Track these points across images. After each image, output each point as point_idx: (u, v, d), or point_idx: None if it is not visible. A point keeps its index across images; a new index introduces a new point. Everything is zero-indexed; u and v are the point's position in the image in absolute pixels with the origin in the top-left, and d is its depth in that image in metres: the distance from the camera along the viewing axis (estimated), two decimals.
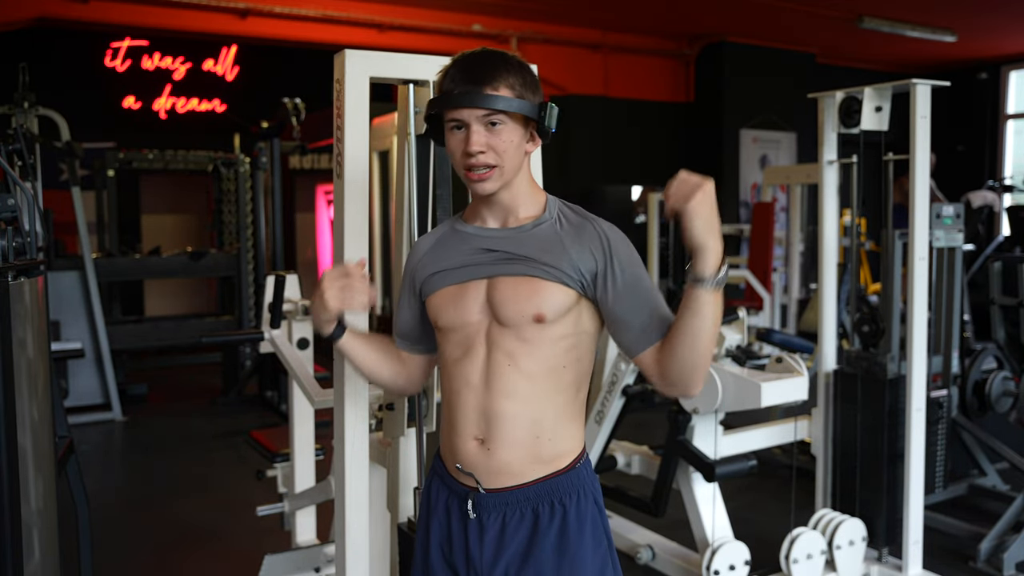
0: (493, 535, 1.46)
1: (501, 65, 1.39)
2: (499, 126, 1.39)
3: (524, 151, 1.44)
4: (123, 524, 3.95)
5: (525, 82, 1.41)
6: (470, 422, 1.46)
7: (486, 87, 1.37)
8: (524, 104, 1.39)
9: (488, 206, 1.49)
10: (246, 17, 7.32)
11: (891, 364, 3.24)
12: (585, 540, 1.45)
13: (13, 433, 1.69)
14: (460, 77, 1.39)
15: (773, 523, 3.59)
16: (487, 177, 1.41)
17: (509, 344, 1.42)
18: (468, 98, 1.37)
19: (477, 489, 1.46)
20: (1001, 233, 7.56)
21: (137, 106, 8.39)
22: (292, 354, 2.90)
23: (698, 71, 9.56)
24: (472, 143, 1.38)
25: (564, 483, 1.45)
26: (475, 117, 1.38)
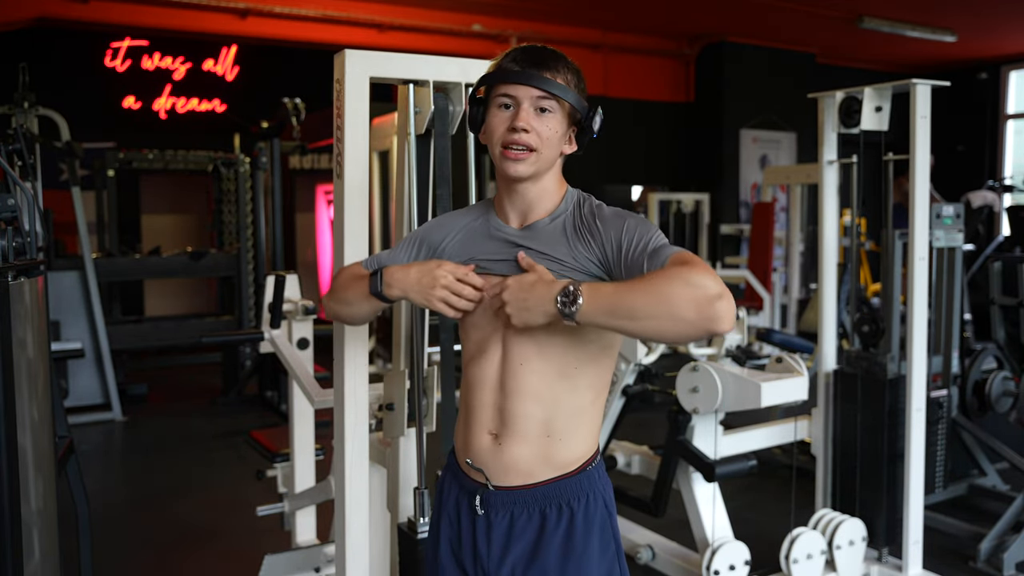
0: (501, 532, 1.46)
1: (562, 59, 1.43)
2: (548, 113, 1.40)
3: (560, 150, 1.45)
4: (123, 524, 3.95)
5: (580, 82, 1.44)
6: (486, 417, 1.47)
7: (546, 72, 1.39)
8: (576, 97, 1.41)
9: (511, 198, 1.48)
10: (246, 17, 7.32)
11: (891, 364, 3.24)
12: (592, 544, 1.45)
13: (13, 433, 1.69)
14: (522, 58, 1.41)
15: (773, 523, 3.59)
16: (523, 158, 1.40)
17: (524, 345, 1.43)
18: (528, 76, 1.38)
19: (486, 486, 1.46)
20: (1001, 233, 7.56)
21: (137, 106, 8.39)
22: (292, 354, 2.91)
23: (698, 71, 9.57)
24: (520, 118, 1.39)
25: (573, 486, 1.45)
26: (529, 97, 1.39)
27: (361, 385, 1.95)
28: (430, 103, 1.94)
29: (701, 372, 2.91)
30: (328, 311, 1.62)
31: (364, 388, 1.95)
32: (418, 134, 1.99)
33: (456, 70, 1.97)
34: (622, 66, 9.16)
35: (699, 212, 8.24)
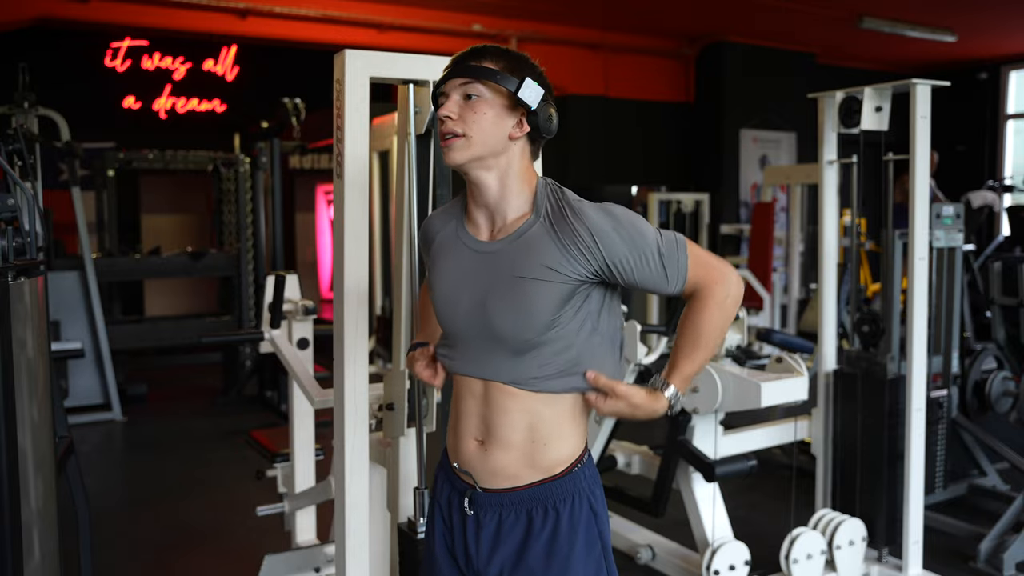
0: (490, 532, 1.48)
1: (492, 49, 1.43)
2: (475, 99, 1.41)
3: (507, 134, 1.42)
4: (123, 524, 3.95)
5: (515, 66, 1.41)
6: (472, 424, 1.48)
7: (471, 61, 1.42)
8: (497, 75, 1.39)
9: (475, 199, 1.48)
10: (246, 17, 7.32)
11: (891, 364, 3.24)
12: (577, 546, 1.46)
13: (13, 433, 1.69)
14: (455, 59, 1.45)
15: (773, 523, 3.59)
16: (452, 144, 1.41)
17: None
18: (452, 71, 1.42)
19: (474, 487, 1.49)
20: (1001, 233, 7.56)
21: (137, 106, 8.40)
22: (292, 354, 2.90)
23: (698, 71, 9.56)
24: (443, 108, 1.41)
25: (558, 488, 1.46)
26: (455, 87, 1.42)
27: (361, 385, 1.95)
28: (430, 103, 1.94)
29: (701, 372, 2.91)
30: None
31: (364, 388, 1.95)
32: (418, 134, 1.99)
33: None
34: (622, 66, 9.15)
35: (699, 212, 8.24)
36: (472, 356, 1.47)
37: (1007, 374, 3.95)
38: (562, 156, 8.58)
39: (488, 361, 1.45)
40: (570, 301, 1.41)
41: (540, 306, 1.39)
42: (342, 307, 1.92)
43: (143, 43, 8.22)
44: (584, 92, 8.88)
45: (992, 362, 3.98)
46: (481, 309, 1.43)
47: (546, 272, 1.39)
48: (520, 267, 1.40)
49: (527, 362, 1.42)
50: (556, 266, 1.39)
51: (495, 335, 1.42)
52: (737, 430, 3.29)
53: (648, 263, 1.40)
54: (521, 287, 1.40)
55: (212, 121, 8.62)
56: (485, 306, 1.42)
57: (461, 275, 1.47)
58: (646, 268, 1.40)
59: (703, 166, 9.42)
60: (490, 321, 1.42)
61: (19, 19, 6.75)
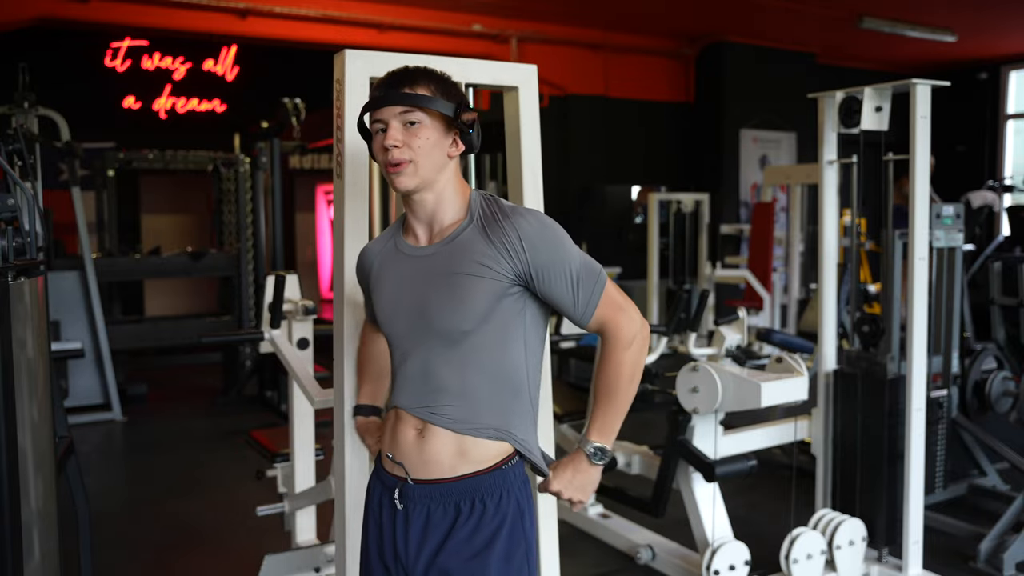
0: (418, 528, 1.51)
1: (422, 73, 1.50)
2: (416, 125, 1.47)
3: (446, 154, 1.51)
4: (123, 524, 3.95)
5: (445, 89, 1.50)
6: (412, 414, 1.53)
7: (406, 87, 1.48)
8: (438, 102, 1.47)
9: (414, 214, 1.55)
10: (246, 17, 7.32)
11: (891, 364, 3.24)
12: (498, 543, 1.49)
13: (13, 433, 1.69)
14: (384, 82, 1.51)
15: (773, 523, 3.59)
16: (401, 171, 1.48)
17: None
18: (388, 97, 1.48)
19: (406, 480, 1.52)
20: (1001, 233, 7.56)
21: (137, 106, 8.39)
22: (292, 354, 2.90)
23: (698, 71, 9.56)
24: (388, 137, 1.47)
25: (488, 481, 1.50)
26: (394, 115, 1.48)
27: None
28: None
29: (701, 372, 2.91)
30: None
31: None
32: None
33: (456, 70, 1.97)
34: (622, 66, 9.15)
35: (699, 212, 8.24)
36: (419, 357, 1.52)
37: (1007, 374, 3.95)
38: (562, 156, 8.58)
39: (431, 358, 1.51)
40: (503, 300, 1.47)
41: (475, 298, 1.46)
42: (342, 307, 1.92)
43: (143, 43, 8.21)
44: (584, 92, 8.88)
45: (992, 362, 3.98)
46: (421, 307, 1.50)
47: (480, 268, 1.46)
48: (456, 264, 1.48)
49: (467, 352, 1.49)
50: (488, 263, 1.46)
51: (434, 329, 1.48)
52: (737, 430, 3.29)
53: (563, 279, 1.47)
54: (457, 281, 1.47)
55: (212, 121, 8.62)
56: (424, 303, 1.49)
57: (400, 280, 1.55)
58: (560, 283, 1.47)
59: (703, 166, 9.42)
60: (429, 315, 1.48)
61: (19, 19, 6.75)
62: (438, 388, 1.50)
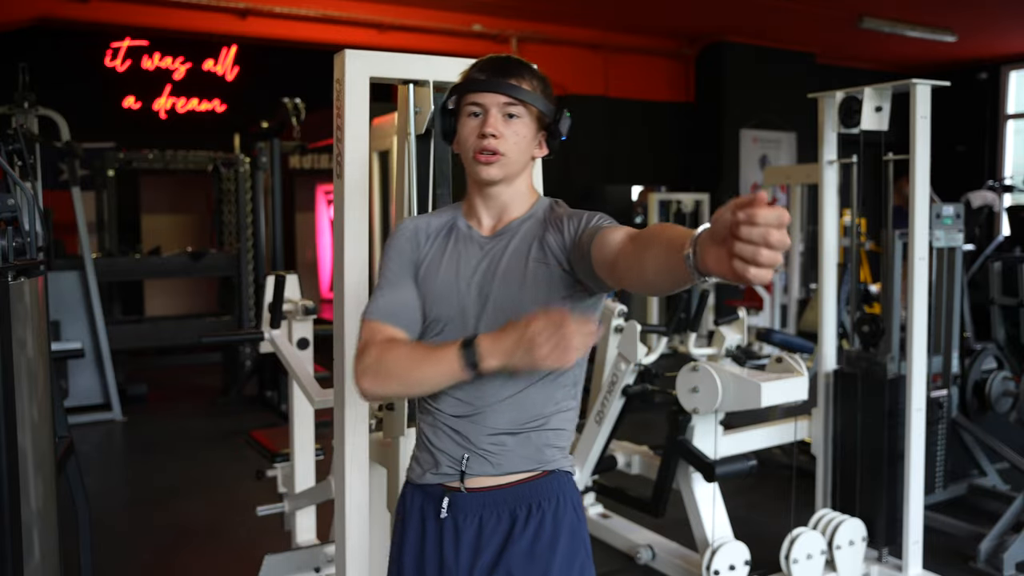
0: (470, 538, 1.45)
1: (528, 67, 1.49)
2: (516, 119, 1.45)
3: (531, 154, 1.50)
4: (123, 524, 3.95)
5: (545, 89, 1.49)
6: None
7: (512, 79, 1.45)
8: (543, 101, 1.46)
9: (485, 202, 1.52)
10: (246, 17, 7.32)
11: (891, 364, 3.24)
12: (559, 547, 1.45)
13: (13, 433, 1.69)
14: (488, 67, 1.47)
15: (773, 523, 3.59)
16: (493, 161, 1.45)
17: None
18: (494, 84, 1.44)
19: (458, 489, 1.45)
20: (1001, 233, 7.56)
21: (137, 106, 8.39)
22: (292, 354, 2.91)
23: (698, 71, 9.56)
24: (488, 124, 1.44)
25: (543, 486, 1.46)
26: (496, 104, 1.45)
27: None
28: (430, 103, 1.94)
29: (701, 372, 2.91)
30: (379, 393, 1.44)
31: None
32: (418, 134, 1.99)
33: (456, 70, 1.96)
34: (622, 66, 9.15)
35: (699, 212, 8.23)
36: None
37: (1007, 374, 3.95)
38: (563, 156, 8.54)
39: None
40: (568, 295, 1.43)
41: (541, 289, 1.42)
42: (342, 307, 1.92)
43: (143, 43, 8.21)
44: (584, 92, 8.87)
45: (992, 362, 3.98)
46: (484, 296, 1.45)
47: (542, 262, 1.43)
48: (521, 254, 1.45)
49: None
50: (550, 256, 1.44)
51: (497, 321, 1.39)
52: (737, 430, 3.29)
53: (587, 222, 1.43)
54: (522, 272, 1.43)
55: (212, 121, 8.62)
56: (489, 292, 1.44)
57: (464, 265, 1.48)
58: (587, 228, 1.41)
59: (703, 166, 9.42)
60: (494, 306, 1.43)
61: (19, 19, 6.75)
62: (492, 392, 1.43)
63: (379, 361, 1.40)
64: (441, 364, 1.36)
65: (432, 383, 1.41)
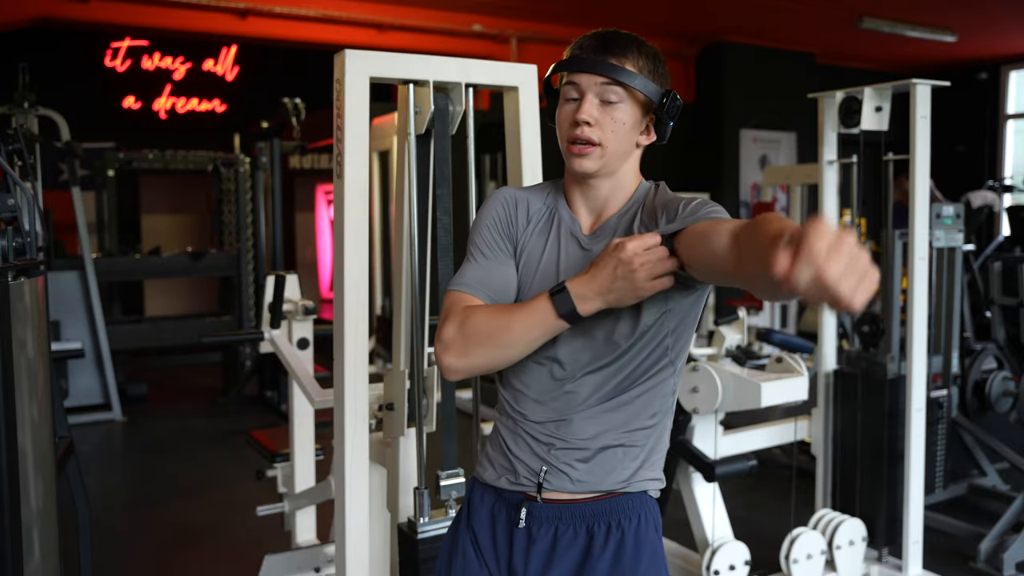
0: (543, 549, 1.36)
1: (634, 44, 1.32)
2: (615, 104, 1.30)
3: (636, 142, 1.35)
4: (123, 524, 3.95)
5: (655, 69, 1.32)
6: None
7: (612, 57, 1.30)
8: (646, 83, 1.29)
9: (584, 193, 1.38)
10: (246, 17, 7.32)
11: (891, 364, 3.24)
12: (641, 569, 1.35)
13: (13, 433, 1.69)
14: (590, 44, 1.32)
15: (773, 523, 3.59)
16: (587, 153, 1.31)
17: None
18: (592, 63, 1.29)
19: (535, 499, 1.36)
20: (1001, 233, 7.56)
21: (137, 106, 8.39)
22: (292, 354, 2.91)
23: (698, 71, 9.56)
24: (582, 111, 1.29)
25: (626, 504, 1.36)
26: (593, 85, 1.30)
27: (361, 385, 1.94)
28: (430, 103, 1.94)
29: (701, 372, 2.91)
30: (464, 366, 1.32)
31: (364, 388, 1.95)
32: (418, 134, 1.99)
33: (456, 70, 1.97)
34: None
35: None
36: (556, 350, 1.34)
37: (1007, 374, 3.95)
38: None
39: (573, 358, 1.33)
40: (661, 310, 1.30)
41: (636, 308, 1.28)
42: (342, 307, 1.92)
43: (143, 43, 8.21)
44: None
45: (992, 362, 3.98)
46: None
47: None
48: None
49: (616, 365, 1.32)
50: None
51: (587, 331, 1.29)
52: (737, 430, 3.29)
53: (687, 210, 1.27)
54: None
55: (212, 121, 8.62)
56: None
57: (565, 264, 1.35)
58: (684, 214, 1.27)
59: (703, 166, 9.42)
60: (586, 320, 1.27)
61: (19, 19, 6.75)
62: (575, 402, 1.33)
63: (461, 329, 1.30)
64: (534, 316, 1.26)
65: (525, 341, 1.28)
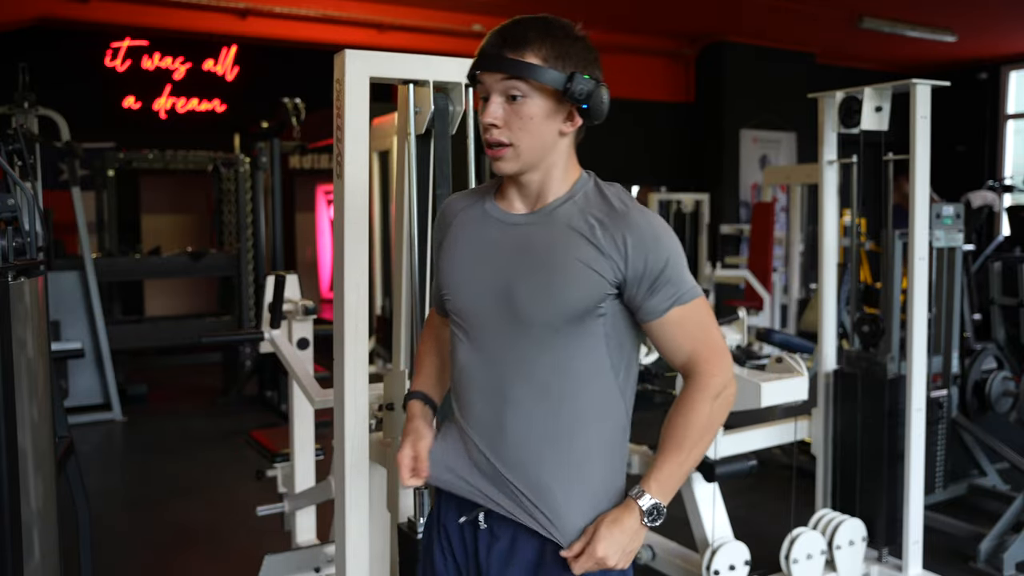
0: (503, 547, 1.38)
1: (536, 31, 1.26)
2: (520, 99, 1.26)
3: (557, 130, 1.31)
4: (123, 524, 3.95)
5: (563, 53, 1.26)
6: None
7: (509, 51, 1.25)
8: (544, 72, 1.24)
9: (517, 185, 1.36)
10: (246, 17, 7.32)
11: (891, 364, 3.24)
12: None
13: (13, 433, 1.69)
14: (490, 40, 1.28)
15: (773, 523, 3.59)
16: (501, 155, 1.28)
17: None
18: (490, 60, 1.26)
19: (488, 510, 1.40)
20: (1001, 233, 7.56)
21: (137, 106, 8.39)
22: (292, 354, 2.91)
23: (698, 71, 9.56)
24: (487, 113, 1.27)
25: None
26: (496, 83, 1.26)
27: (361, 385, 1.94)
28: (430, 103, 1.94)
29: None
30: None
31: (364, 388, 1.95)
32: (418, 134, 1.99)
33: (456, 70, 1.97)
34: (622, 66, 9.15)
35: (699, 212, 8.24)
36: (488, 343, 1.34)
37: (1007, 374, 3.95)
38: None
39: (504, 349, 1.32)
40: (599, 302, 1.29)
41: (571, 289, 1.27)
42: (342, 307, 1.92)
43: (143, 43, 8.21)
44: None
45: (992, 362, 3.98)
46: (504, 286, 1.31)
47: (576, 261, 1.28)
48: (560, 243, 1.29)
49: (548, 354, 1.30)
50: (590, 259, 1.27)
51: (516, 314, 1.30)
52: (737, 430, 3.29)
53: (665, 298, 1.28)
54: (552, 266, 1.28)
55: (212, 121, 8.62)
56: (509, 283, 1.31)
57: (485, 248, 1.35)
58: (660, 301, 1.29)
59: (703, 166, 9.42)
60: (513, 298, 1.30)
61: (19, 19, 6.76)
62: (514, 399, 1.32)
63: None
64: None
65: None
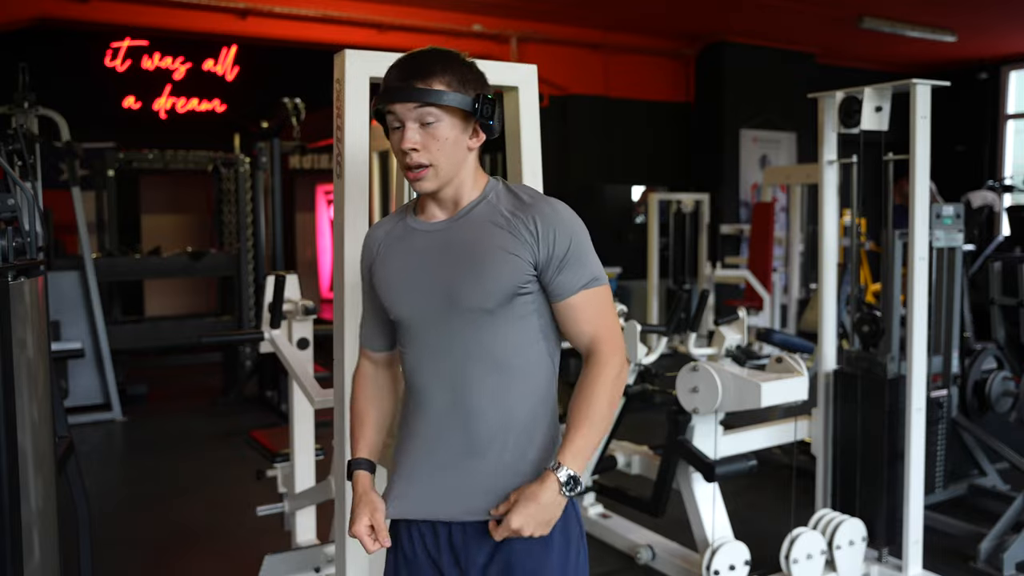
0: (475, 531, 1.49)
1: (437, 61, 1.40)
2: (434, 123, 1.40)
3: (466, 147, 1.45)
4: (123, 524, 3.95)
5: (464, 79, 1.41)
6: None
7: (418, 81, 1.38)
8: (454, 96, 1.38)
9: (434, 199, 1.50)
10: (246, 17, 7.32)
11: (891, 364, 3.24)
12: (555, 532, 1.46)
13: (13, 433, 1.69)
14: (396, 74, 1.41)
15: (773, 523, 3.59)
16: (422, 176, 1.42)
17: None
18: (401, 93, 1.39)
19: None
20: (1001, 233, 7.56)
21: (137, 106, 8.39)
22: (292, 354, 2.91)
23: (698, 71, 9.56)
24: (406, 140, 1.40)
25: None
26: (408, 112, 1.40)
27: None
28: None
29: (701, 372, 2.91)
30: None
31: None
32: None
33: None
34: (622, 66, 9.15)
35: (699, 212, 8.24)
36: (436, 336, 1.46)
37: (1007, 374, 3.94)
38: (563, 156, 8.57)
39: (452, 337, 1.45)
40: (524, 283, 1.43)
41: (498, 274, 1.41)
42: (342, 307, 1.92)
43: (143, 43, 8.21)
44: (584, 92, 8.88)
45: (992, 362, 3.98)
46: (440, 283, 1.44)
47: (497, 249, 1.42)
48: (474, 239, 1.44)
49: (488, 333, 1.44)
50: (507, 243, 1.42)
51: (456, 305, 1.43)
52: (737, 430, 3.29)
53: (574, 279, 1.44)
54: (478, 257, 1.42)
55: (212, 121, 8.62)
56: (444, 279, 1.44)
57: (415, 255, 1.48)
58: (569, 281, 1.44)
59: (703, 166, 9.42)
60: (450, 292, 1.43)
61: (19, 19, 6.75)
62: (470, 387, 1.46)
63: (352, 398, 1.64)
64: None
65: None
